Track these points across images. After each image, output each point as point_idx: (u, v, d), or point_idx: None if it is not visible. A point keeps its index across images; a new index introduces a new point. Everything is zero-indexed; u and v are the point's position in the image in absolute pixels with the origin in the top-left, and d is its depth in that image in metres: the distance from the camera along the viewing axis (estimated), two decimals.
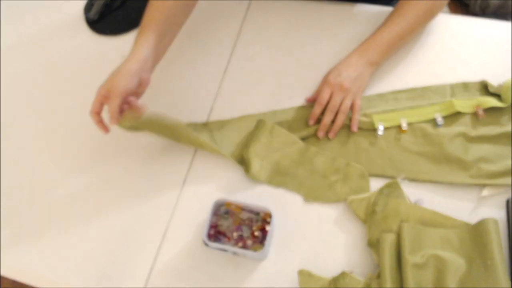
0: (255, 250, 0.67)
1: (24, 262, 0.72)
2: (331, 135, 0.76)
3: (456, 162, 0.71)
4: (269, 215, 0.68)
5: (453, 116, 0.75)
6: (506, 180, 0.68)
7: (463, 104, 0.75)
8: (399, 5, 0.79)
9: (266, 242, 0.65)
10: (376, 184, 0.71)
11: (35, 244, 0.73)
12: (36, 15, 1.00)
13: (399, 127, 0.76)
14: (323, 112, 0.77)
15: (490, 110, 0.74)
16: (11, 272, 0.73)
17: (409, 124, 0.75)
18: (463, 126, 0.74)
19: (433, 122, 0.75)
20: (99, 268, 0.70)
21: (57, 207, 0.76)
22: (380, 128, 0.75)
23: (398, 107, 0.77)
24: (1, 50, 0.96)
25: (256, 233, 0.68)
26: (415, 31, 0.81)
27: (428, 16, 0.80)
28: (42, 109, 0.87)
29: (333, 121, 0.76)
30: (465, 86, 0.78)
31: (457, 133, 0.73)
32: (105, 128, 0.72)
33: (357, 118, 0.76)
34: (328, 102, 0.76)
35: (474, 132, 0.73)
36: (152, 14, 0.75)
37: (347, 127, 0.77)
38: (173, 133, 0.75)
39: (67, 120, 0.85)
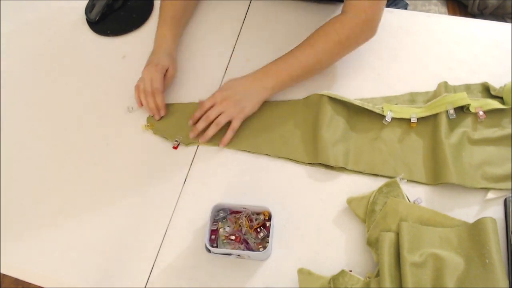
0: (257, 250, 0.67)
1: (24, 261, 0.72)
2: (201, 139, 0.78)
3: (460, 165, 0.69)
4: (268, 214, 0.68)
5: (455, 119, 0.74)
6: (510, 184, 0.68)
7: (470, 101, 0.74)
8: (310, 36, 0.77)
9: (269, 241, 0.65)
10: (375, 184, 0.71)
11: (35, 244, 0.73)
12: (37, 16, 1.00)
13: (408, 121, 0.75)
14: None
15: (490, 112, 0.74)
16: (12, 271, 0.73)
17: (419, 119, 0.75)
18: (464, 127, 0.74)
19: (445, 114, 0.74)
20: (100, 268, 0.70)
21: (58, 206, 0.76)
22: (388, 115, 0.75)
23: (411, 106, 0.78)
24: (2, 50, 0.96)
25: (257, 233, 0.68)
26: (323, 64, 0.78)
27: (339, 50, 0.77)
28: (42, 109, 0.87)
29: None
30: (468, 87, 0.78)
31: (460, 135, 0.72)
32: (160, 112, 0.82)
33: (229, 137, 0.76)
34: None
35: (476, 134, 0.72)
36: (168, 8, 0.86)
37: (353, 112, 0.77)
38: None
39: (68, 120, 0.85)
